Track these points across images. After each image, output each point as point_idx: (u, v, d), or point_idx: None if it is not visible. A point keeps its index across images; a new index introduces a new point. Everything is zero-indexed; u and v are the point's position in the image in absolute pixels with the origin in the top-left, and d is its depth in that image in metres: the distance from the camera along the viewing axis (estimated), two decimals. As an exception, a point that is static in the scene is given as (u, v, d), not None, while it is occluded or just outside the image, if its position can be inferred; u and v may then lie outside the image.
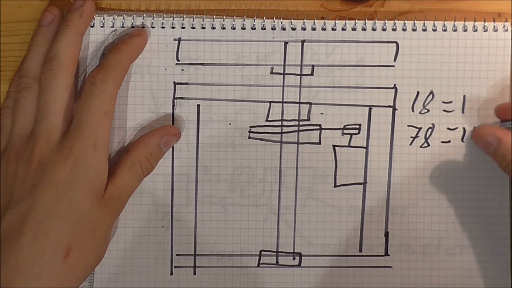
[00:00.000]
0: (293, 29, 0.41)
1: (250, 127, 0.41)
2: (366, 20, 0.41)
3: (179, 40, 0.41)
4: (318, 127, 0.41)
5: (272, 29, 0.41)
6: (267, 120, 0.41)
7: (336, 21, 0.41)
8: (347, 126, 0.41)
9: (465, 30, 0.41)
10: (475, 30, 0.41)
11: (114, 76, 0.38)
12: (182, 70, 0.41)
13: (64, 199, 0.36)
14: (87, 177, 0.37)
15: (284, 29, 0.41)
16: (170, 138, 0.40)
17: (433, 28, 0.41)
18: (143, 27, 0.41)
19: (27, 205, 0.35)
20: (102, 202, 0.37)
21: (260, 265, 0.41)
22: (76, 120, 0.37)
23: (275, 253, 0.41)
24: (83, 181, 0.36)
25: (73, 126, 0.37)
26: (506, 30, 0.41)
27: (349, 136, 0.41)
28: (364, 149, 0.41)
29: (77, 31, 0.39)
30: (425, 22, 0.41)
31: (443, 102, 0.41)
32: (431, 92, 0.41)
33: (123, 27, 0.41)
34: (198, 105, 0.41)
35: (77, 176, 0.36)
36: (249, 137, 0.41)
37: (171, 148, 0.41)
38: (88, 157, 0.37)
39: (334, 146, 0.41)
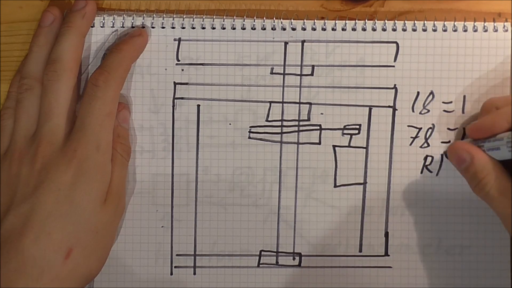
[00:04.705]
0: (293, 29, 0.41)
1: (250, 127, 0.41)
2: (366, 20, 0.41)
3: (179, 40, 0.41)
4: (318, 127, 0.41)
5: (272, 29, 0.41)
6: (267, 120, 0.41)
7: (336, 21, 0.41)
8: (347, 126, 0.41)
9: (465, 30, 0.41)
10: (475, 30, 0.41)
11: (116, 77, 0.38)
12: (182, 70, 0.41)
13: (67, 200, 0.36)
14: (90, 178, 0.37)
15: (284, 29, 0.41)
16: (123, 112, 0.40)
17: (433, 28, 0.41)
18: (143, 27, 0.41)
19: (29, 206, 0.36)
20: (105, 203, 0.37)
21: (260, 265, 0.41)
22: (79, 122, 0.37)
23: (275, 253, 0.41)
24: (86, 182, 0.36)
25: (76, 128, 0.37)
26: (506, 30, 0.41)
27: (349, 136, 0.41)
28: (364, 149, 0.41)
29: (79, 33, 0.39)
30: (425, 22, 0.41)
31: (443, 102, 0.41)
32: (431, 92, 0.41)
33: (123, 27, 0.41)
34: (198, 105, 0.41)
35: (80, 178, 0.36)
36: (249, 137, 0.41)
37: (171, 148, 0.41)
38: (91, 159, 0.37)
39: (334, 146, 0.41)
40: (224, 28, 0.41)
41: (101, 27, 0.41)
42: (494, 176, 0.37)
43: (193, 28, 0.41)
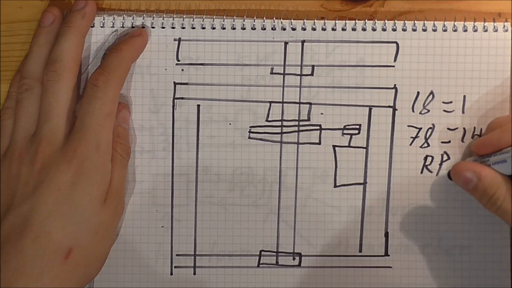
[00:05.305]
0: (293, 29, 0.41)
1: (250, 127, 0.41)
2: (366, 20, 0.41)
3: (179, 40, 0.41)
4: (318, 127, 0.41)
5: (272, 29, 0.41)
6: (267, 120, 0.41)
7: (336, 21, 0.41)
8: (347, 126, 0.41)
9: (465, 30, 0.41)
10: (475, 30, 0.41)
11: (116, 77, 0.38)
12: (182, 70, 0.41)
13: (67, 200, 0.36)
14: (91, 179, 0.37)
15: (284, 29, 0.41)
16: (123, 112, 0.40)
17: (433, 28, 0.41)
18: (143, 27, 0.41)
19: (29, 206, 0.36)
20: (104, 203, 0.37)
21: (260, 265, 0.41)
22: (79, 122, 0.37)
23: (275, 253, 0.41)
24: (86, 182, 0.36)
25: (76, 128, 0.37)
26: (506, 30, 0.41)
27: (349, 136, 0.41)
28: (364, 149, 0.41)
29: (79, 33, 0.39)
30: (425, 22, 0.41)
31: (443, 102, 0.41)
32: (431, 92, 0.41)
33: (123, 27, 0.41)
34: (198, 105, 0.41)
35: (80, 178, 0.36)
36: (249, 137, 0.41)
37: (171, 148, 0.41)
38: (91, 159, 0.37)
39: (334, 146, 0.41)
40: (224, 28, 0.41)
41: (101, 27, 0.41)
42: (504, 189, 0.36)
43: (193, 28, 0.41)
